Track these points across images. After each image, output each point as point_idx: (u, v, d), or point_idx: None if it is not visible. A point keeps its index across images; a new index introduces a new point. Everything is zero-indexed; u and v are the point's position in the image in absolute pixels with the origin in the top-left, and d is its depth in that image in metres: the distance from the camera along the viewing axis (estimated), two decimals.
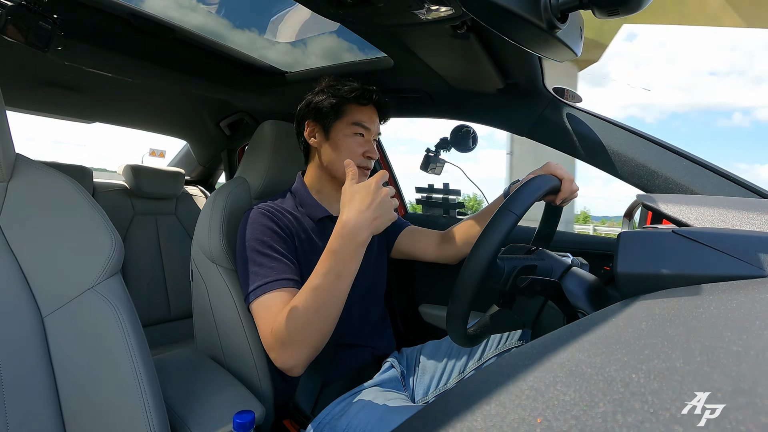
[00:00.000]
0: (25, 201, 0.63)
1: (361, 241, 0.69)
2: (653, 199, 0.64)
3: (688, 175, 0.85)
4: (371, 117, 0.95)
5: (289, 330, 0.70)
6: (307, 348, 0.72)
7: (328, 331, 0.72)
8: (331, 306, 0.70)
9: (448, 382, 0.93)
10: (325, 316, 0.70)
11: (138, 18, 0.96)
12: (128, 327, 0.60)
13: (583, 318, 0.37)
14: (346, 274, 0.69)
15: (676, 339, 0.27)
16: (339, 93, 0.92)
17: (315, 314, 0.69)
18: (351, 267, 0.70)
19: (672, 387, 0.21)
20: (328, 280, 0.69)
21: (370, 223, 0.69)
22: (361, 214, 0.69)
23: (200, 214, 0.98)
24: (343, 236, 0.69)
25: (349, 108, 0.94)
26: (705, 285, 0.41)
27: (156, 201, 1.70)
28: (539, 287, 0.61)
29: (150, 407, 0.59)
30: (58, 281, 0.60)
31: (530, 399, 0.23)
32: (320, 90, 0.95)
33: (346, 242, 0.68)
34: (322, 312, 0.69)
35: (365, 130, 0.94)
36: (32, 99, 1.43)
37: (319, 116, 0.94)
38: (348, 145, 0.93)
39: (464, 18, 0.72)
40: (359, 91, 0.92)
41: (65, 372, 0.59)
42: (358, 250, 0.69)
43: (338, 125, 0.93)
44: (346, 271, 0.69)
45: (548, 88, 1.00)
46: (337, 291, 0.69)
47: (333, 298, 0.69)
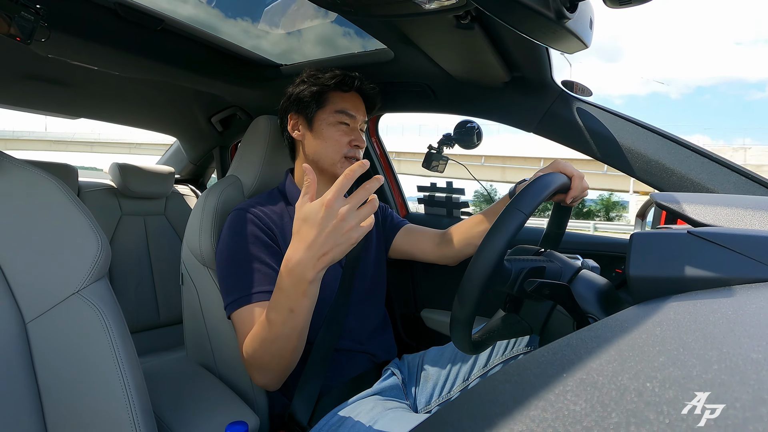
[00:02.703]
0: (6, 201, 0.62)
1: (309, 279, 0.62)
2: (668, 198, 0.64)
3: (705, 173, 0.85)
4: (355, 104, 0.96)
5: (251, 355, 0.73)
6: (272, 371, 0.74)
7: (291, 358, 0.73)
8: (289, 338, 0.69)
9: (451, 391, 0.93)
10: (283, 346, 0.70)
11: (125, 8, 0.96)
12: (115, 333, 0.60)
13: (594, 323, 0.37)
14: (300, 309, 0.65)
15: (692, 346, 0.27)
16: (319, 81, 0.93)
17: (273, 343, 0.70)
18: (305, 303, 0.65)
19: (688, 397, 0.21)
20: (282, 315, 0.66)
21: (317, 261, 0.60)
22: (306, 252, 0.60)
23: (191, 215, 0.98)
24: (288, 274, 0.63)
25: (331, 96, 0.94)
26: (722, 289, 0.41)
27: (144, 201, 1.70)
28: (548, 291, 0.61)
29: (138, 418, 0.59)
30: (42, 285, 0.60)
31: (539, 409, 0.23)
32: (301, 80, 0.96)
33: (293, 281, 0.63)
34: (280, 342, 0.69)
35: (350, 118, 0.94)
36: (14, 94, 1.43)
37: (301, 107, 0.95)
38: (332, 134, 0.93)
39: (468, 7, 0.72)
40: (340, 77, 0.92)
41: (49, 380, 0.59)
42: (309, 289, 0.63)
43: (321, 114, 0.94)
44: (299, 306, 0.65)
45: (557, 82, 1.00)
46: (294, 323, 0.67)
47: (290, 330, 0.68)
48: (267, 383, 0.77)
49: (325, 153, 0.93)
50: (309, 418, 0.84)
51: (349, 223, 0.58)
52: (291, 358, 0.72)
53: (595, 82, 22.77)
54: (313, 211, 0.60)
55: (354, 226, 0.59)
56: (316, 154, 0.94)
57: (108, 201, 1.61)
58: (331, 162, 0.93)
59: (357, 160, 0.94)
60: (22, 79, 1.31)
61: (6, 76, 1.28)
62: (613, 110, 0.96)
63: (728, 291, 0.39)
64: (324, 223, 0.58)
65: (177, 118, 1.83)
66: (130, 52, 1.09)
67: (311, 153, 0.95)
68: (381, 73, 1.11)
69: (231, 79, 1.33)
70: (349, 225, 0.58)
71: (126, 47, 1.07)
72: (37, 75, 1.30)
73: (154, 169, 1.73)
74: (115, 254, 1.56)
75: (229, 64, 1.27)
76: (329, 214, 0.58)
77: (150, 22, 1.02)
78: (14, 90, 1.40)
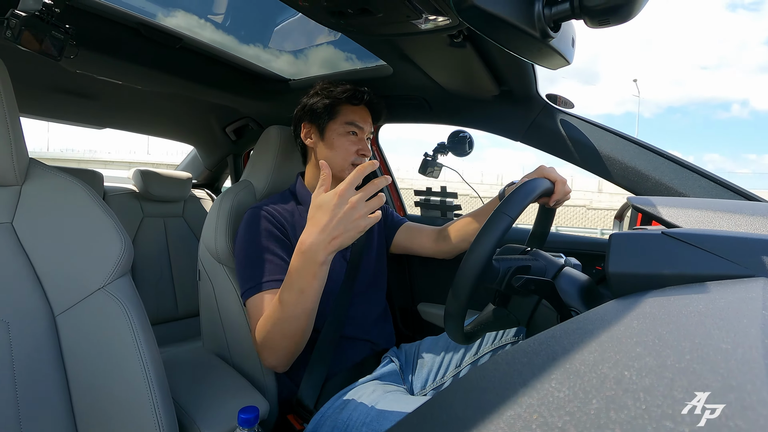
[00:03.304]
0: (38, 204, 0.62)
1: (320, 261, 0.64)
2: (643, 202, 0.64)
3: (677, 179, 0.85)
4: (363, 117, 0.96)
5: (263, 336, 0.73)
6: (282, 351, 0.74)
7: (301, 339, 0.73)
8: (299, 318, 0.69)
9: (444, 376, 0.93)
10: (294, 326, 0.70)
11: (147, 28, 0.96)
12: (137, 325, 0.60)
13: (576, 317, 0.37)
14: (310, 291, 0.67)
15: (667, 337, 0.27)
16: (332, 94, 0.93)
17: (284, 323, 0.70)
18: (314, 284, 0.66)
19: (663, 384, 0.21)
20: (293, 295, 0.67)
21: (328, 244, 0.62)
22: (318, 235, 0.62)
23: (207, 217, 0.98)
24: (301, 256, 0.65)
25: (342, 108, 0.94)
26: (694, 284, 0.40)
27: (164, 204, 1.70)
28: (533, 286, 0.60)
29: (158, 403, 0.59)
30: (70, 281, 0.60)
31: (525, 395, 0.23)
32: (315, 92, 0.96)
33: (305, 263, 0.65)
34: (291, 322, 0.70)
35: (358, 129, 0.95)
36: (45, 106, 1.43)
37: (313, 117, 0.95)
38: (342, 144, 0.93)
39: (461, 27, 0.72)
40: (351, 91, 0.93)
41: (76, 369, 0.59)
42: (319, 270, 0.65)
43: (332, 125, 0.94)
44: (309, 288, 0.66)
45: (541, 95, 1.00)
46: (303, 305, 0.68)
47: (300, 311, 0.68)
48: (276, 364, 0.76)
49: (334, 160, 0.93)
50: (315, 402, 0.84)
51: (359, 212, 0.60)
52: (300, 339, 0.72)
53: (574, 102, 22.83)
54: (326, 200, 0.62)
55: (363, 215, 0.61)
56: (326, 160, 0.94)
57: (131, 204, 1.61)
58: (340, 168, 0.94)
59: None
60: (53, 93, 1.32)
61: (37, 89, 1.28)
62: (594, 121, 0.97)
63: (700, 287, 0.39)
64: (336, 209, 0.61)
65: (194, 128, 1.84)
66: (151, 67, 1.09)
67: (322, 159, 0.96)
68: (381, 86, 1.11)
69: (244, 92, 1.33)
70: (358, 213, 0.60)
71: (148, 63, 1.08)
72: (66, 89, 1.30)
73: (173, 175, 1.72)
74: (137, 253, 1.55)
75: (242, 79, 1.27)
76: (341, 202, 0.61)
77: (170, 40, 1.02)
78: (45, 102, 1.40)
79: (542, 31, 0.50)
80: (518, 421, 0.21)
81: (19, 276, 0.59)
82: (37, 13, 0.74)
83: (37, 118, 1.54)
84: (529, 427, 0.20)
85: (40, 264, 0.60)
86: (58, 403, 0.58)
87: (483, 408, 0.22)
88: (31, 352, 0.57)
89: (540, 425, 0.20)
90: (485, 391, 0.25)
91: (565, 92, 1.04)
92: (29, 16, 0.73)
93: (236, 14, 1.09)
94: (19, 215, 0.61)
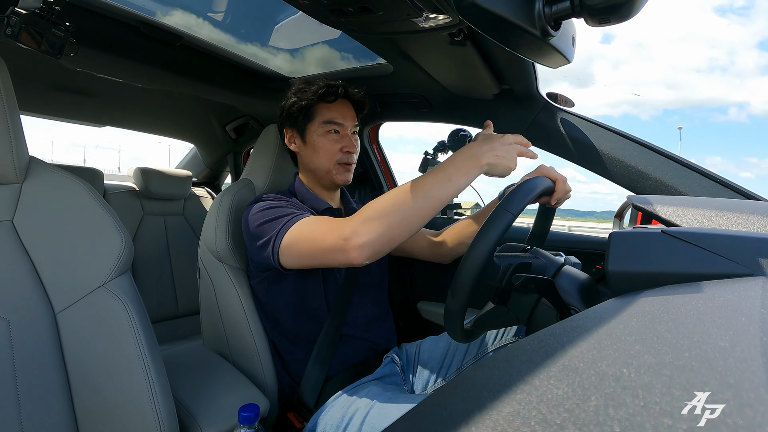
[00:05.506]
0: (38, 202, 0.63)
1: (478, 164, 0.68)
2: (643, 200, 0.64)
3: (677, 178, 0.85)
4: (342, 112, 0.92)
5: (381, 206, 0.69)
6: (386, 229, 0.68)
7: (408, 228, 0.69)
8: (421, 209, 0.68)
9: (446, 377, 0.93)
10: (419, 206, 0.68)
11: (147, 26, 0.96)
12: (137, 323, 0.60)
13: (575, 315, 0.37)
14: (454, 182, 0.68)
15: (666, 335, 0.27)
16: (305, 96, 0.90)
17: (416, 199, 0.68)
18: (461, 180, 0.68)
19: (662, 381, 0.21)
20: (438, 177, 0.68)
21: (493, 155, 0.68)
22: (487, 144, 0.69)
23: (207, 215, 0.98)
24: (465, 152, 0.69)
25: (317, 108, 0.91)
26: (693, 283, 0.41)
27: (164, 202, 1.70)
28: (533, 285, 0.61)
29: (159, 400, 0.59)
30: (71, 279, 0.60)
31: (525, 393, 0.23)
32: (290, 95, 0.93)
33: (466, 159, 0.68)
34: (416, 203, 0.67)
35: (339, 126, 0.91)
36: (45, 103, 1.43)
37: (292, 122, 0.93)
38: (323, 144, 0.91)
39: (461, 26, 0.72)
40: (323, 89, 0.89)
41: (77, 366, 0.59)
42: (473, 170, 0.68)
43: (311, 127, 0.91)
44: (455, 178, 0.68)
45: (542, 93, 1.00)
46: (439, 194, 0.68)
47: (431, 198, 0.68)
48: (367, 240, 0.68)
49: (319, 162, 0.91)
50: (315, 401, 0.84)
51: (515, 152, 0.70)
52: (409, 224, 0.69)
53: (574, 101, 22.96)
54: (499, 135, 0.72)
55: (515, 157, 0.70)
56: (311, 164, 0.92)
57: (131, 202, 1.61)
58: (326, 170, 0.91)
59: (351, 165, 0.93)
60: (53, 90, 1.32)
61: (38, 87, 1.28)
62: (594, 120, 0.97)
63: (699, 285, 0.39)
64: (504, 140, 0.70)
65: (194, 125, 1.83)
66: (151, 65, 1.09)
67: (307, 163, 0.93)
68: (381, 85, 1.11)
69: (244, 90, 1.33)
70: (515, 152, 0.70)
71: (148, 61, 1.07)
72: (66, 86, 1.30)
73: (173, 173, 1.72)
74: (137, 251, 1.55)
75: (242, 77, 1.27)
76: (510, 141, 0.71)
77: (170, 38, 1.02)
78: (45, 100, 1.40)
79: (542, 30, 0.50)
80: (517, 418, 0.21)
81: (19, 274, 0.59)
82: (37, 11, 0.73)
83: (36, 116, 1.54)
84: (528, 424, 0.20)
85: (40, 262, 0.61)
86: (58, 400, 0.58)
87: (482, 405, 0.23)
88: (31, 349, 0.57)
89: (539, 422, 0.20)
90: (484, 388, 0.25)
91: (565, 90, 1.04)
92: (29, 13, 0.73)
93: (236, 12, 1.09)
94: (19, 213, 0.61)
